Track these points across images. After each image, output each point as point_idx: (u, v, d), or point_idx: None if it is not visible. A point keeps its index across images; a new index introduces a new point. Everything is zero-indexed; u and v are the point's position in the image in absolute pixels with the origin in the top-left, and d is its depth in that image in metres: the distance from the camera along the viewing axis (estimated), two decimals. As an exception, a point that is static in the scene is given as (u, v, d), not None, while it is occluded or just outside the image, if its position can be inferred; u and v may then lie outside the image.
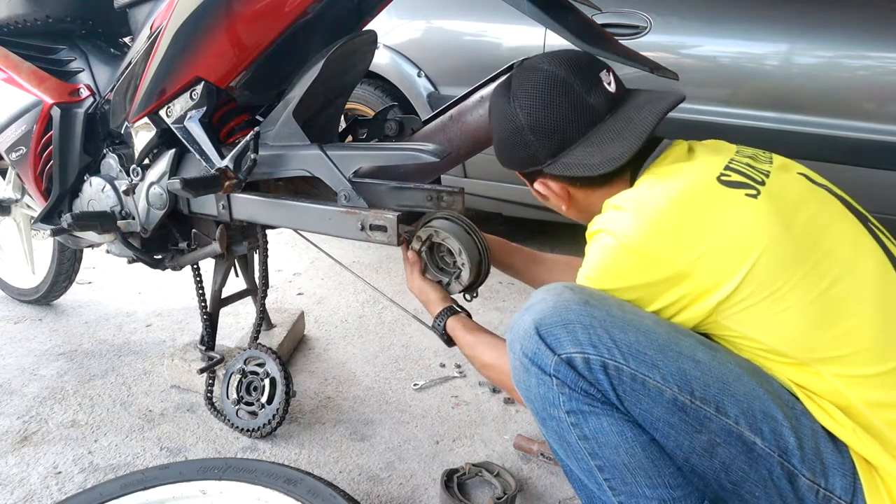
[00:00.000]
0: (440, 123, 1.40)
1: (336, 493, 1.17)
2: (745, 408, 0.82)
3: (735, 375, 0.84)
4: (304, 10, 1.23)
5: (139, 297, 2.42)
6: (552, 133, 0.98)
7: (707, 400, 0.82)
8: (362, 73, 1.48)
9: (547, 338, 0.86)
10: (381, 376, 1.87)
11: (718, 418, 0.82)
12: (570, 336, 0.85)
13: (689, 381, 0.82)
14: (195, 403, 1.72)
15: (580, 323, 0.85)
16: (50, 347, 2.04)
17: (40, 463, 1.49)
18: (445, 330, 1.22)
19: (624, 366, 0.83)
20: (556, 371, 0.85)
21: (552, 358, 0.85)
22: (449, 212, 1.24)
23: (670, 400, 0.82)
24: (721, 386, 0.82)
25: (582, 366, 0.84)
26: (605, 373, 0.83)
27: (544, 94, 0.98)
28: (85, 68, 1.72)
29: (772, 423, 0.81)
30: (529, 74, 1.01)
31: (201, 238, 1.60)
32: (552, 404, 0.87)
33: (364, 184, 1.26)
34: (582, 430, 0.87)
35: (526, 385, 0.90)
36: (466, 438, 1.59)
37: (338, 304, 2.37)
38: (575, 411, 0.86)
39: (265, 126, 1.37)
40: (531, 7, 1.10)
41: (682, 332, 0.87)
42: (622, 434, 0.85)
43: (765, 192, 0.87)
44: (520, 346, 0.89)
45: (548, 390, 0.87)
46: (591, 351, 0.84)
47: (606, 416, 0.85)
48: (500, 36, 2.39)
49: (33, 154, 1.69)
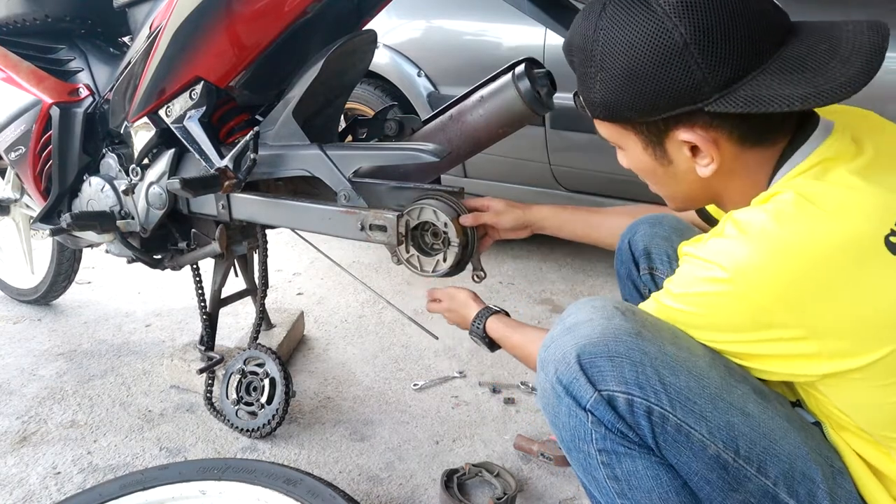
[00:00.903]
0: (440, 123, 1.40)
1: (336, 493, 1.17)
2: (786, 468, 0.76)
3: (783, 431, 0.77)
4: (304, 9, 1.23)
5: (138, 297, 2.42)
6: (731, 52, 0.71)
7: (751, 459, 0.75)
8: (362, 72, 1.48)
9: (588, 369, 0.76)
10: (381, 376, 1.87)
11: (758, 478, 0.76)
12: (616, 371, 0.75)
13: (735, 437, 0.75)
14: (195, 404, 1.72)
15: (629, 358, 0.75)
16: (49, 347, 2.04)
17: (39, 463, 1.49)
18: (486, 331, 1.14)
19: (670, 413, 0.75)
20: (594, 408, 0.77)
21: (591, 393, 0.76)
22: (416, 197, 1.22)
23: (713, 456, 0.75)
24: (767, 444, 0.76)
25: (624, 407, 0.76)
26: (648, 418, 0.75)
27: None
28: (84, 68, 1.72)
29: (809, 484, 0.76)
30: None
31: (201, 238, 1.59)
32: (583, 439, 0.80)
33: (364, 184, 1.26)
34: (613, 471, 0.79)
35: (554, 411, 0.81)
36: (466, 438, 1.59)
37: (337, 305, 2.37)
38: (608, 451, 0.79)
39: (265, 126, 1.37)
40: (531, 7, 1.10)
41: (737, 377, 0.79)
42: (657, 478, 0.78)
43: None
44: (554, 369, 0.79)
45: (580, 424, 0.79)
46: (637, 392, 0.75)
47: (642, 459, 0.78)
48: (500, 36, 2.39)
49: (32, 154, 1.69)
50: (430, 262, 1.25)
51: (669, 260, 1.17)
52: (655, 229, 1.19)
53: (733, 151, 0.78)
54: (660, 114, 0.77)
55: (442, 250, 1.23)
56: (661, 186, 0.88)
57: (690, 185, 0.83)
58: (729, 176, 0.80)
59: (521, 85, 1.25)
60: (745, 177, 0.80)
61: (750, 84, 0.72)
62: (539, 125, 2.26)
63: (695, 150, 0.79)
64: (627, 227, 1.23)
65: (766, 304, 0.71)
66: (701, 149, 0.77)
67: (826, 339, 0.71)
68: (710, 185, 0.82)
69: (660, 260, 1.18)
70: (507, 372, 1.89)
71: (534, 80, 1.26)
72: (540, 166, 2.35)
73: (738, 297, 0.72)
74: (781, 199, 0.73)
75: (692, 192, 0.86)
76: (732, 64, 0.72)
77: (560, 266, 2.69)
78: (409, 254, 1.25)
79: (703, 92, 0.73)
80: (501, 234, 1.28)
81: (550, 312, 2.29)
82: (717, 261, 0.73)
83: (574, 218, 1.29)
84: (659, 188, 0.89)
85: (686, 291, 0.78)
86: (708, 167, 0.79)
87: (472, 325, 1.17)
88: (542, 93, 1.27)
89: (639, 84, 0.75)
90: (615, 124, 0.83)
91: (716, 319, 0.77)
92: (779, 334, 0.72)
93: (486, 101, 1.30)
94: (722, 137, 0.77)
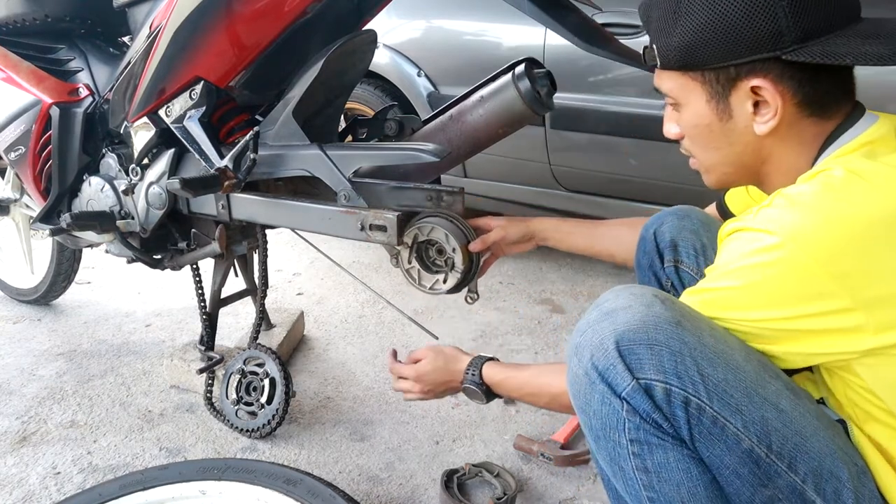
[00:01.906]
0: (440, 123, 1.39)
1: (336, 493, 1.17)
2: (815, 466, 0.76)
3: (813, 429, 0.77)
4: (304, 9, 1.23)
5: (138, 297, 2.42)
6: (817, 7, 0.75)
7: (783, 455, 0.75)
8: (362, 72, 1.48)
9: (627, 356, 0.75)
10: (381, 376, 1.87)
11: (788, 475, 0.76)
12: (655, 360, 0.75)
13: (769, 432, 0.75)
14: (194, 404, 1.72)
15: (669, 347, 0.74)
16: (49, 347, 2.04)
17: (39, 463, 1.49)
18: (483, 379, 1.12)
19: (707, 405, 0.74)
20: (630, 396, 0.76)
21: (629, 380, 0.75)
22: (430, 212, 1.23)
23: (746, 450, 0.75)
24: (798, 441, 0.76)
25: (661, 396, 0.75)
26: (685, 409, 0.75)
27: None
28: (84, 68, 1.72)
29: (835, 483, 0.76)
30: None
31: (201, 238, 1.59)
32: (614, 428, 0.78)
33: (364, 184, 1.26)
34: (644, 462, 0.78)
35: (586, 398, 0.80)
36: (466, 439, 1.59)
37: (337, 305, 2.37)
38: (640, 441, 0.77)
39: (265, 126, 1.37)
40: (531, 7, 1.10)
41: (771, 372, 0.79)
42: (688, 472, 0.77)
43: None
44: (590, 354, 0.78)
45: (612, 412, 0.78)
46: (675, 382, 0.74)
47: (674, 451, 0.77)
48: (500, 36, 2.39)
49: (32, 154, 1.69)
50: (429, 279, 1.26)
51: (696, 254, 1.16)
52: (684, 222, 1.18)
53: (792, 115, 0.80)
54: (737, 58, 0.78)
55: (444, 271, 1.24)
56: (711, 149, 0.88)
57: (743, 147, 0.84)
58: (780, 143, 0.82)
59: (521, 85, 1.25)
60: (794, 147, 0.82)
61: (827, 42, 0.75)
62: (539, 125, 2.26)
63: (757, 107, 0.80)
64: (653, 218, 1.21)
65: (815, 271, 0.70)
66: (767, 100, 0.79)
67: (873, 311, 0.71)
68: (761, 150, 0.83)
69: (686, 253, 1.17)
70: (507, 372, 1.89)
71: (534, 80, 1.26)
72: (540, 166, 2.35)
73: (788, 263, 0.72)
74: (831, 174, 0.75)
75: (740, 158, 0.86)
76: (815, 19, 0.75)
77: (560, 266, 2.69)
78: (411, 265, 1.26)
79: (783, 41, 0.75)
80: (507, 249, 1.30)
81: (550, 312, 2.29)
82: (767, 228, 0.73)
83: (575, 231, 1.30)
84: (707, 152, 0.89)
85: (732, 267, 0.77)
86: (767, 123, 0.80)
87: (465, 377, 1.15)
88: (542, 93, 1.27)
89: (723, 26, 0.77)
90: (685, 73, 0.83)
91: (762, 292, 0.75)
92: (826, 306, 0.72)
93: (486, 101, 1.30)
94: (787, 95, 0.79)
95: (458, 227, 1.21)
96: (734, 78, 0.80)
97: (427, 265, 1.27)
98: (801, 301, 0.73)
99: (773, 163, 0.85)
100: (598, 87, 2.19)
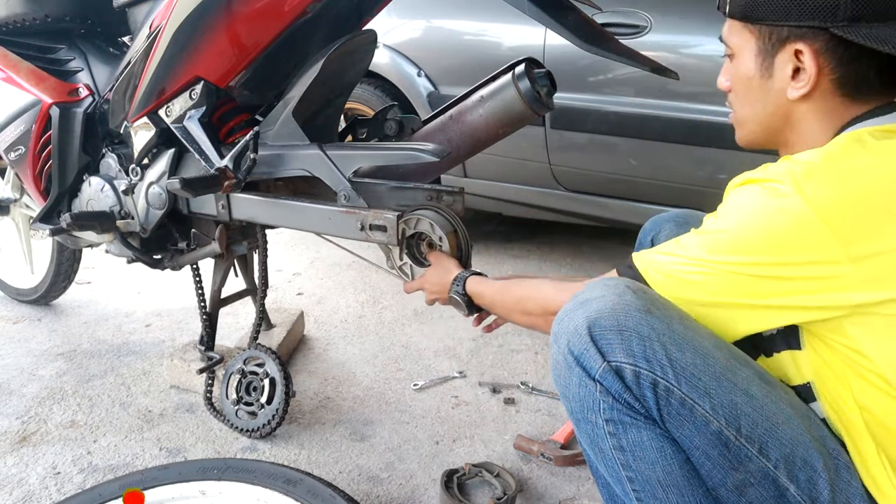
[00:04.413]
0: (440, 123, 1.40)
1: (336, 493, 1.17)
2: (787, 452, 0.78)
3: (785, 417, 0.80)
4: (304, 9, 1.23)
5: (138, 297, 2.42)
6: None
7: (752, 439, 0.78)
8: (362, 72, 1.48)
9: (599, 340, 0.80)
10: (381, 376, 1.87)
11: (759, 459, 0.79)
12: (624, 344, 0.79)
13: (738, 416, 0.78)
14: (194, 404, 1.72)
15: (637, 332, 0.79)
16: (49, 348, 2.04)
17: (39, 463, 1.49)
18: (466, 291, 1.16)
19: (675, 388, 0.79)
20: (602, 377, 0.81)
21: (600, 363, 0.80)
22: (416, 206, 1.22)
23: (715, 432, 0.79)
24: (769, 427, 0.79)
25: (630, 378, 0.79)
26: (653, 391, 0.79)
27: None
28: (84, 68, 1.72)
29: (810, 471, 0.78)
30: None
31: (201, 238, 1.59)
32: (591, 409, 0.83)
33: (364, 183, 1.26)
34: (619, 441, 0.83)
35: (566, 382, 0.85)
36: (466, 439, 1.59)
37: (337, 304, 2.37)
38: (615, 421, 0.82)
39: (265, 126, 1.37)
40: (532, 7, 1.10)
41: (742, 361, 0.83)
42: (661, 450, 0.81)
43: None
44: (567, 341, 0.83)
45: (588, 394, 0.82)
46: (644, 365, 0.79)
47: (647, 430, 0.81)
48: (500, 36, 2.39)
49: (32, 154, 1.69)
50: (421, 272, 1.25)
51: None
52: (682, 229, 1.18)
53: (824, 90, 0.84)
54: (791, 20, 0.83)
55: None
56: (747, 104, 0.93)
57: (774, 109, 0.89)
58: (808, 113, 0.87)
59: (521, 85, 1.25)
60: (819, 121, 0.86)
61: (877, 28, 0.79)
62: (539, 125, 2.26)
63: (796, 74, 0.85)
64: (650, 223, 1.23)
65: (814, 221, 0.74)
66: (805, 69, 0.84)
67: (861, 265, 0.74)
68: (790, 116, 0.88)
69: None
70: (507, 372, 1.89)
71: (534, 80, 1.26)
72: (540, 166, 2.35)
73: (789, 210, 0.75)
74: (835, 141, 0.81)
75: (769, 119, 0.91)
76: (874, 4, 0.79)
77: (560, 266, 2.70)
78: (402, 261, 1.26)
79: (836, 16, 0.80)
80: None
81: (550, 312, 2.29)
82: (772, 177, 0.78)
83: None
84: (744, 106, 0.94)
85: (734, 211, 0.81)
86: (800, 89, 0.85)
87: (451, 289, 1.18)
88: (542, 93, 1.27)
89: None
90: (746, 25, 0.89)
91: (759, 236, 0.78)
92: (816, 256, 0.75)
93: (486, 100, 1.30)
94: (825, 69, 0.83)
95: (443, 217, 1.20)
96: (784, 39, 0.85)
97: (419, 260, 1.27)
98: (795, 248, 0.76)
99: (796, 131, 0.89)
100: (598, 87, 2.20)
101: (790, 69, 0.85)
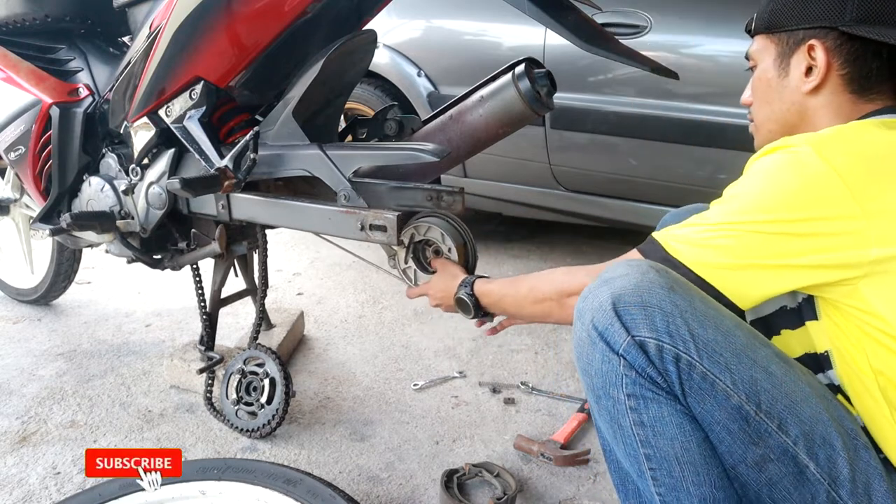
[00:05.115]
0: (440, 123, 1.40)
1: (336, 493, 1.17)
2: (806, 430, 0.80)
3: (804, 396, 0.82)
4: (304, 9, 1.23)
5: (138, 297, 2.42)
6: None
7: (772, 415, 0.80)
8: (362, 72, 1.48)
9: (623, 315, 0.82)
10: (381, 376, 1.87)
11: (778, 435, 0.80)
12: (648, 319, 0.81)
13: (758, 391, 0.80)
14: (194, 404, 1.72)
15: (660, 308, 0.81)
16: (49, 347, 2.04)
17: (39, 463, 1.49)
18: (474, 292, 1.17)
19: (697, 362, 0.81)
20: (626, 352, 0.82)
21: (625, 338, 0.82)
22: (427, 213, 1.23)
23: (735, 406, 0.80)
24: (788, 403, 0.81)
25: (654, 352, 0.81)
26: (675, 365, 0.81)
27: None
28: (84, 68, 1.72)
29: (829, 450, 0.80)
30: None
31: (201, 238, 1.59)
32: (613, 384, 0.84)
33: (364, 184, 1.26)
34: (640, 416, 0.84)
35: (588, 358, 0.87)
36: (466, 439, 1.59)
37: (337, 304, 2.37)
38: (636, 395, 0.83)
39: (265, 126, 1.37)
40: (532, 7, 1.10)
41: (761, 341, 0.85)
42: (681, 426, 0.83)
43: None
44: (591, 316, 0.85)
45: (611, 369, 0.84)
46: (667, 340, 0.81)
47: (668, 406, 0.83)
48: (500, 36, 2.39)
49: (32, 154, 1.69)
50: (425, 279, 1.26)
51: None
52: None
53: (834, 86, 0.93)
54: (806, 23, 0.93)
55: None
56: (765, 104, 1.01)
57: (790, 105, 0.97)
58: (819, 109, 0.95)
59: (521, 85, 1.25)
60: (829, 116, 0.93)
61: (881, 28, 0.88)
62: (539, 125, 2.26)
63: (809, 72, 0.94)
64: (671, 215, 1.25)
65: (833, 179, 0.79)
66: (816, 65, 0.92)
67: (877, 220, 0.78)
68: (804, 111, 0.96)
69: None
70: (507, 372, 1.89)
71: (534, 80, 1.26)
72: (540, 166, 2.35)
73: (809, 169, 0.80)
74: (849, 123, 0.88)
75: (785, 115, 0.98)
76: (880, 7, 0.88)
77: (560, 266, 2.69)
78: (407, 265, 1.26)
79: (844, 17, 0.90)
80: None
81: (550, 312, 2.29)
82: (790, 143, 0.84)
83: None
84: (762, 107, 1.02)
85: (752, 173, 0.86)
86: (812, 82, 0.94)
87: (458, 292, 1.18)
88: (542, 93, 1.27)
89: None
90: (768, 35, 0.98)
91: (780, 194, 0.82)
92: (835, 212, 0.79)
93: (486, 100, 1.30)
94: (834, 65, 0.92)
95: (454, 227, 1.21)
96: (800, 40, 0.94)
97: (424, 265, 1.27)
98: (813, 204, 0.80)
99: (809, 126, 0.95)
100: (598, 87, 2.20)
101: (804, 67, 0.93)
